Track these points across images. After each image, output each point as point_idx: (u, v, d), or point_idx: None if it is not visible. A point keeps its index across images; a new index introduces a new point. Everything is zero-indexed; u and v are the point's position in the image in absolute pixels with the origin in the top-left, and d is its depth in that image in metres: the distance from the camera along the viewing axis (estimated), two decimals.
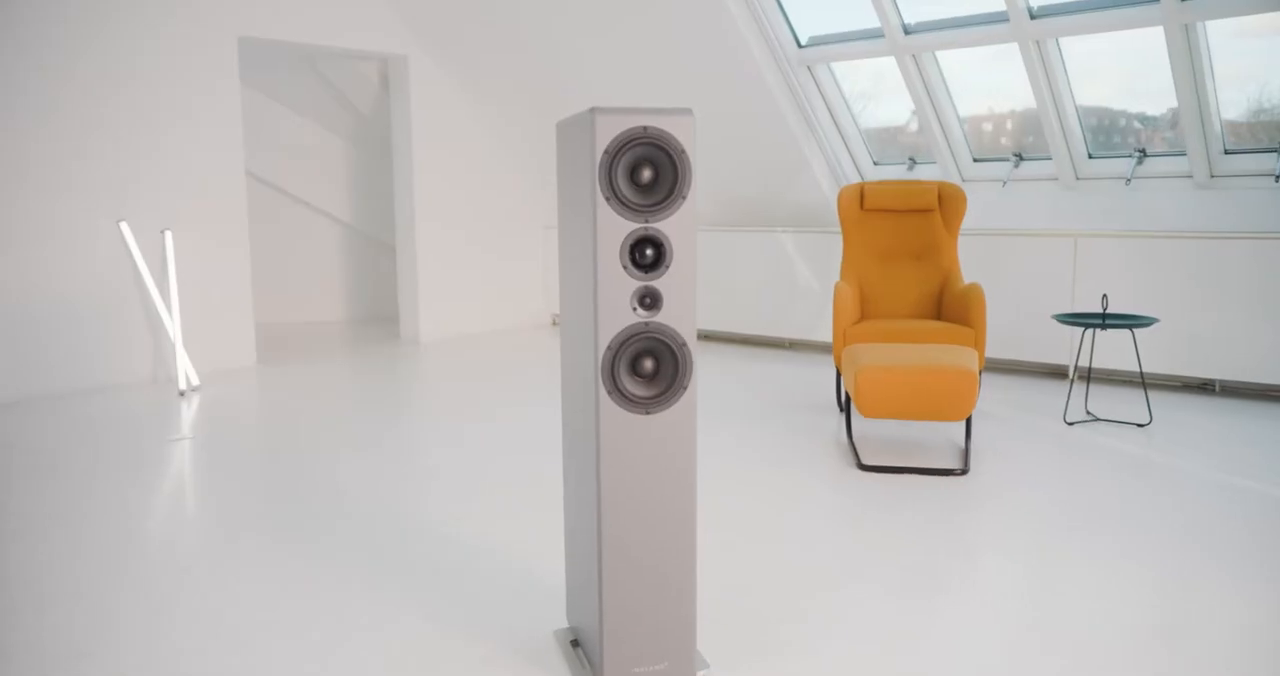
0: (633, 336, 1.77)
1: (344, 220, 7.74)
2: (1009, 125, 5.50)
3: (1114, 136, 5.10)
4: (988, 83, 5.36)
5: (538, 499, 3.10)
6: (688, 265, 1.79)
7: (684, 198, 1.76)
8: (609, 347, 1.76)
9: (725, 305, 6.35)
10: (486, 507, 3.02)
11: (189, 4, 5.20)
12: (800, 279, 5.97)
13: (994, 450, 3.65)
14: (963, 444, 3.72)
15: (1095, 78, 4.94)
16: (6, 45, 4.62)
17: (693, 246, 1.78)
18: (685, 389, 1.82)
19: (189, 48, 5.25)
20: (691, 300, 1.80)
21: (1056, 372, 5.19)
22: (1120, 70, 4.92)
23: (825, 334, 5.90)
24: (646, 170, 1.75)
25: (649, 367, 1.80)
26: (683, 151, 1.75)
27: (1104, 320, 4.00)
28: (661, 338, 1.79)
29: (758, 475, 3.36)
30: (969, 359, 3.46)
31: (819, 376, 5.21)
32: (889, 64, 5.38)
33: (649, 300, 1.77)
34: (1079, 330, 4.94)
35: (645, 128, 1.72)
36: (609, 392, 1.77)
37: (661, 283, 1.78)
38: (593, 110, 1.70)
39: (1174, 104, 4.72)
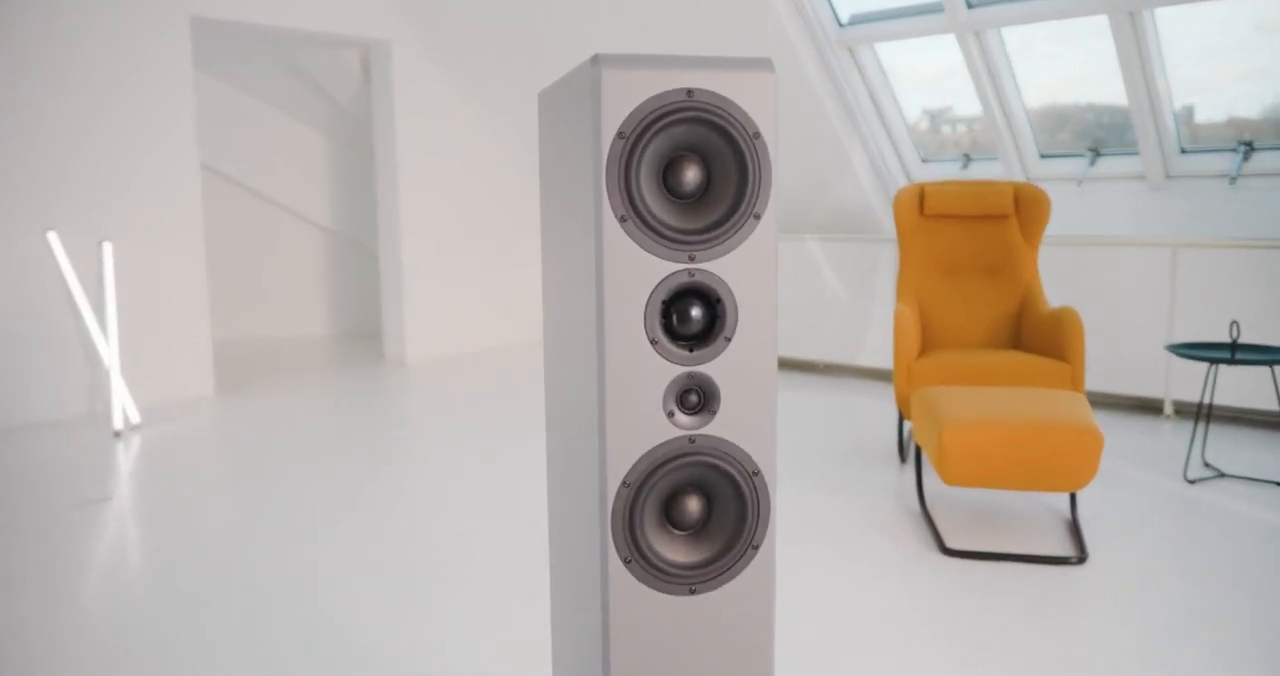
0: (669, 461, 1.01)
1: (322, 224, 6.98)
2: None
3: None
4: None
5: (536, 597, 2.35)
6: (763, 334, 1.02)
7: (757, 216, 1.00)
8: (625, 483, 1.00)
9: None
10: (475, 612, 2.26)
11: None
12: (836, 292, 5.20)
13: (1108, 523, 2.88)
14: (1069, 515, 2.95)
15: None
16: None
17: (772, 302, 1.02)
18: (757, 548, 1.05)
19: (133, 29, 4.50)
20: (771, 395, 1.04)
21: (1147, 407, 4.41)
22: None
23: (868, 358, 5.12)
24: (692, 168, 0.99)
25: (695, 512, 1.04)
26: (757, 134, 0.98)
27: (1234, 353, 3.23)
28: (718, 462, 1.03)
29: (806, 560, 2.59)
30: (1082, 409, 2.69)
31: (864, 410, 4.44)
32: (905, 59, 4.64)
33: (697, 397, 1.01)
34: (1181, 360, 4.16)
35: (690, 92, 0.96)
36: (625, 561, 1.01)
37: (718, 366, 1.02)
38: (596, 59, 0.94)
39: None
